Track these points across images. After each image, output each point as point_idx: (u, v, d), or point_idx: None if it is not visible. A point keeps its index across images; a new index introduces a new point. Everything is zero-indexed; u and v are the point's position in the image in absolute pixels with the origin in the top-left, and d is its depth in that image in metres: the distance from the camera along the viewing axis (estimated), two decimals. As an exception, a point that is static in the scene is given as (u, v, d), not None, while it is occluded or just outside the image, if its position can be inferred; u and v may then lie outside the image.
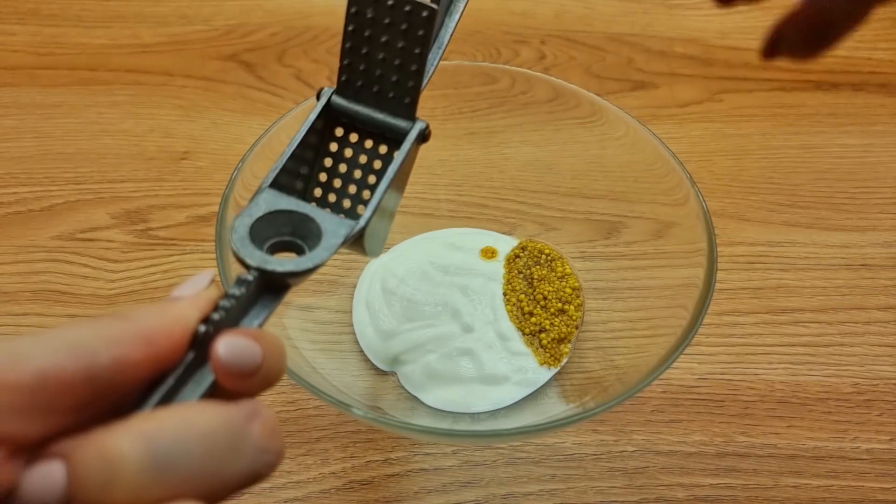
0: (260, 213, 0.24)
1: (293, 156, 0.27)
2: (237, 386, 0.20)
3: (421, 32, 0.26)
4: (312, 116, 0.28)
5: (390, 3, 0.26)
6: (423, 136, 0.28)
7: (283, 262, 0.22)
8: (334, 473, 0.39)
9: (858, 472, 0.40)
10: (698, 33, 0.64)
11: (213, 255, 0.36)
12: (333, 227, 0.24)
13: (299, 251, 0.24)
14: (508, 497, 0.39)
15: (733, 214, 0.51)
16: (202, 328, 0.20)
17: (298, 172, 0.28)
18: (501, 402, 0.40)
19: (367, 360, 0.42)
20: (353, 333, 0.43)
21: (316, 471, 0.39)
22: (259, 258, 0.22)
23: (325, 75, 0.59)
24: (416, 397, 0.41)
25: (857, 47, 0.62)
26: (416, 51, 0.27)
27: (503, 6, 0.65)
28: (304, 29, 0.62)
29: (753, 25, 0.64)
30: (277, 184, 0.25)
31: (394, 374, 0.42)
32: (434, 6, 0.26)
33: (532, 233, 0.47)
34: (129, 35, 0.61)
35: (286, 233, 0.25)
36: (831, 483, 0.40)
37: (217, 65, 0.59)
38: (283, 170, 0.26)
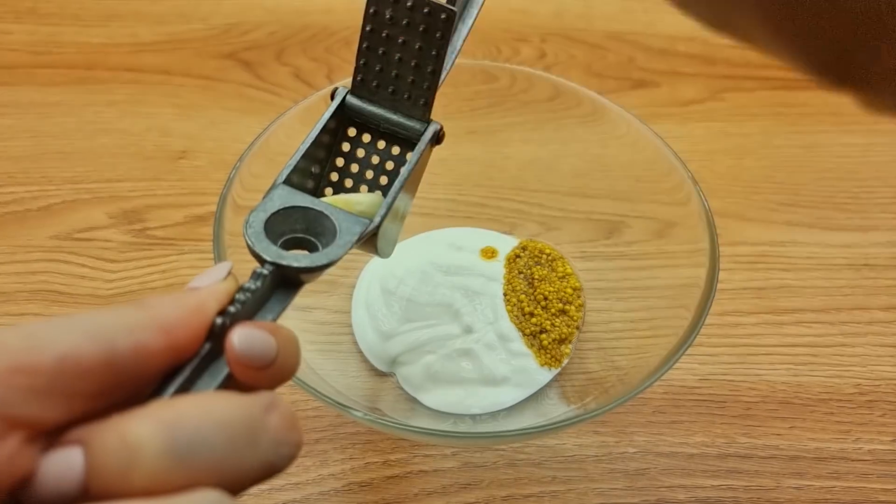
0: (275, 209, 0.24)
1: (306, 154, 0.27)
2: (251, 378, 0.19)
3: (439, 34, 0.26)
4: (326, 116, 0.28)
5: (409, 4, 0.26)
6: (437, 138, 0.28)
7: (299, 258, 0.22)
8: (333, 475, 0.39)
9: (861, 473, 0.40)
10: (700, 31, 0.63)
11: (211, 255, 0.36)
12: (348, 224, 0.24)
13: (311, 248, 0.24)
14: (509, 499, 0.39)
15: (735, 214, 0.51)
16: (219, 320, 0.20)
17: (310, 171, 0.28)
18: (502, 404, 0.40)
19: (366, 360, 0.42)
20: (353, 334, 0.43)
21: (315, 472, 0.39)
22: (274, 253, 0.22)
23: (324, 74, 0.59)
24: (415, 398, 0.40)
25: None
26: (434, 52, 0.27)
27: (503, 4, 0.65)
28: (302, 27, 0.62)
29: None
30: (290, 182, 0.25)
31: (393, 375, 0.41)
32: (453, 8, 0.26)
33: (533, 232, 0.47)
34: (127, 34, 0.61)
35: (299, 229, 0.25)
36: (833, 484, 0.39)
37: (215, 63, 0.59)
38: (296, 168, 0.26)
